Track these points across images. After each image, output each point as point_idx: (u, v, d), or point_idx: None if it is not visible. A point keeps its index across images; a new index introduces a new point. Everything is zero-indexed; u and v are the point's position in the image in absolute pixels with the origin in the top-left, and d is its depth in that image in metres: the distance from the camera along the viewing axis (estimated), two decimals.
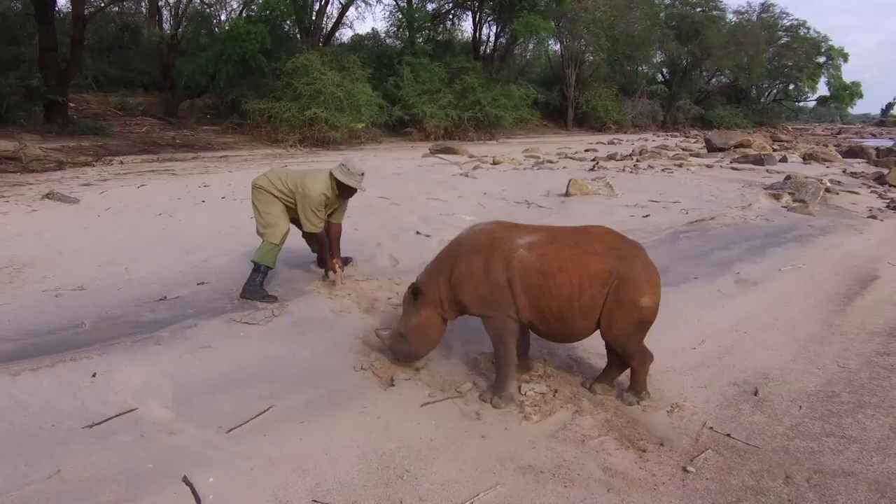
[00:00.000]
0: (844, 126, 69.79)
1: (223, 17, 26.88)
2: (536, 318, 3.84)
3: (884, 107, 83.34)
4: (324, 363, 4.36)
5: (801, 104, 63.87)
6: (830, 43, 53.66)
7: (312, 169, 5.75)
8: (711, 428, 3.81)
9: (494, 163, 17.38)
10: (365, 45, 34.27)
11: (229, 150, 20.16)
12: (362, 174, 5.40)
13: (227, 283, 5.78)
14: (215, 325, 4.69)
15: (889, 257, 7.92)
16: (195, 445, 3.35)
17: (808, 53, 52.73)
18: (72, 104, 20.27)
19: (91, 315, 4.95)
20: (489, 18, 35.51)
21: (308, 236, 5.90)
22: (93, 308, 5.13)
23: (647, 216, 9.31)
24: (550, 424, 3.75)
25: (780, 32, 52.00)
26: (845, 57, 54.62)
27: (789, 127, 55.99)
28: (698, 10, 46.95)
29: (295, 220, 5.59)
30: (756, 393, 4.29)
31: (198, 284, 5.76)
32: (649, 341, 5.04)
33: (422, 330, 4.06)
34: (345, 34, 48.87)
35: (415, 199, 10.37)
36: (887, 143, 28.89)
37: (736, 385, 4.41)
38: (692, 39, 44.93)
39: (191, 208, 9.63)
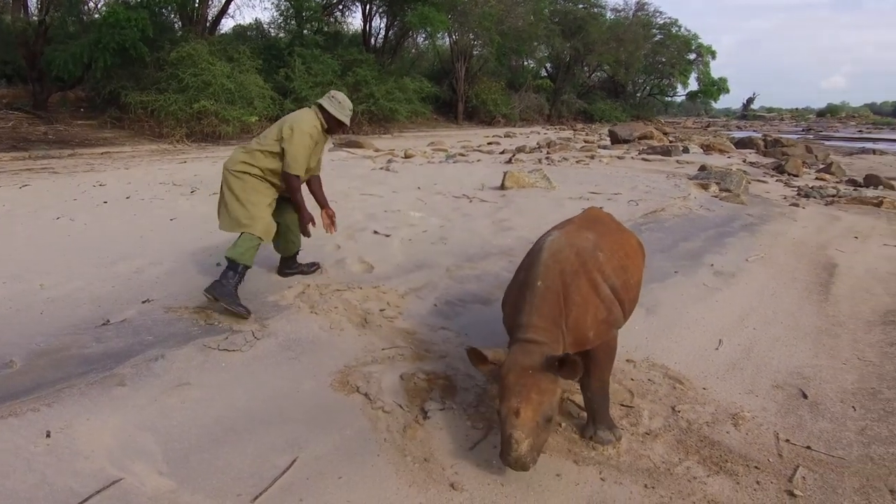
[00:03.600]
0: (711, 119, 74.43)
1: (93, 3, 24.51)
2: None
3: (744, 101, 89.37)
4: (336, 395, 3.61)
5: (672, 98, 67.18)
6: (700, 41, 56.85)
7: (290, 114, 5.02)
8: (788, 440, 3.44)
9: (406, 156, 16.82)
10: (249, 36, 32.52)
11: (110, 146, 18.37)
12: (351, 110, 4.85)
13: (179, 298, 4.86)
14: (187, 355, 3.82)
15: (834, 244, 8.03)
16: None
17: (680, 50, 55.47)
18: None
19: (19, 349, 3.91)
20: (379, 10, 34.71)
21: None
22: (17, 339, 4.08)
23: (601, 209, 9.03)
24: (625, 454, 3.23)
25: (654, 30, 54.36)
26: (713, 54, 57.91)
27: (661, 120, 58.84)
28: (580, 6, 48.14)
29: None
30: (805, 396, 3.99)
31: (142, 302, 4.78)
32: (669, 343, 4.74)
33: (560, 403, 3.23)
34: (226, 24, 46.56)
35: (350, 196, 9.60)
36: (757, 135, 30.77)
37: (780, 388, 4.09)
38: (575, 35, 46.01)
39: (93, 210, 8.40)
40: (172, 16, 24.55)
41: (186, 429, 3.18)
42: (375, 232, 7.21)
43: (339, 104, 4.78)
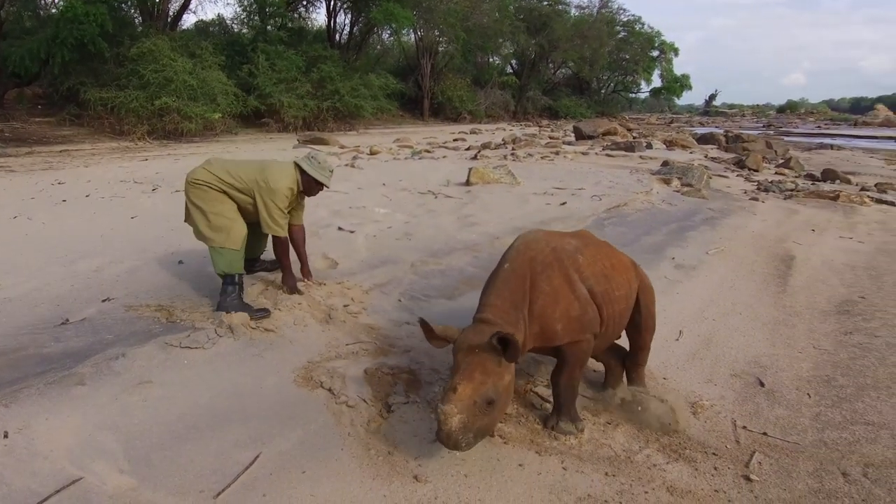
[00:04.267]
0: (674, 116, 75.49)
1: None
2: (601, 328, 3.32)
3: (707, 98, 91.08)
4: (299, 391, 3.60)
5: (636, 95, 67.92)
6: (663, 38, 57.59)
7: (267, 160, 4.85)
8: (745, 427, 3.52)
9: (372, 153, 16.78)
10: (212, 32, 32.07)
11: (69, 144, 18.01)
12: (331, 171, 4.68)
13: (140, 297, 4.80)
14: (148, 353, 3.77)
15: (792, 237, 8.21)
16: None
17: (644, 47, 56.15)
18: None
19: None
20: (343, 6, 34.48)
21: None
22: None
23: (564, 203, 9.14)
24: (586, 443, 3.28)
25: (618, 27, 54.91)
26: (676, 51, 58.68)
27: (626, 116, 59.51)
28: (545, 3, 48.42)
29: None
30: (762, 384, 4.08)
31: (102, 301, 4.71)
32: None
33: (509, 390, 2.94)
34: (188, 20, 45.82)
35: None
36: (718, 131, 31.42)
37: (738, 377, 4.19)
38: (540, 32, 46.26)
39: (52, 209, 8.24)
40: (132, 11, 24.13)
41: (148, 427, 3.15)
42: (340, 228, 7.19)
43: (319, 165, 4.64)
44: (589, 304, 3.17)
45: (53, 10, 21.47)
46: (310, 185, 4.69)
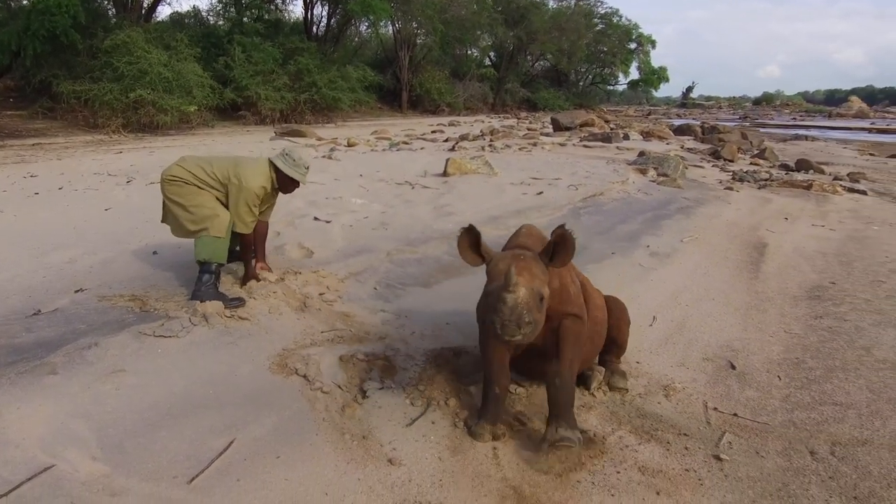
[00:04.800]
0: (652, 108, 76.03)
1: None
2: None
3: (684, 90, 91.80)
4: (274, 378, 3.60)
5: (614, 87, 68.45)
6: (640, 30, 58.11)
7: (242, 157, 4.81)
8: (716, 409, 3.57)
9: (350, 145, 16.74)
10: (187, 24, 31.75)
11: (42, 138, 17.77)
12: (307, 168, 4.63)
13: (113, 287, 4.76)
14: (122, 343, 3.74)
15: (765, 225, 8.32)
16: None
17: (621, 40, 56.63)
18: None
19: None
20: None
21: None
22: None
23: (541, 193, 9.18)
24: None
25: (595, 20, 55.21)
26: (653, 43, 59.21)
27: (604, 108, 59.88)
28: None
29: None
30: (733, 367, 4.15)
31: (75, 292, 4.67)
32: None
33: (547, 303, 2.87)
34: (162, 12, 45.26)
35: None
36: (695, 122, 31.74)
37: (710, 360, 4.24)
38: (518, 24, 46.40)
39: (24, 202, 8.14)
40: (105, 2, 23.85)
41: (121, 415, 3.13)
42: (316, 218, 7.18)
43: (294, 162, 4.57)
44: (581, 293, 3.28)
45: (25, 2, 21.16)
46: (285, 183, 4.66)
